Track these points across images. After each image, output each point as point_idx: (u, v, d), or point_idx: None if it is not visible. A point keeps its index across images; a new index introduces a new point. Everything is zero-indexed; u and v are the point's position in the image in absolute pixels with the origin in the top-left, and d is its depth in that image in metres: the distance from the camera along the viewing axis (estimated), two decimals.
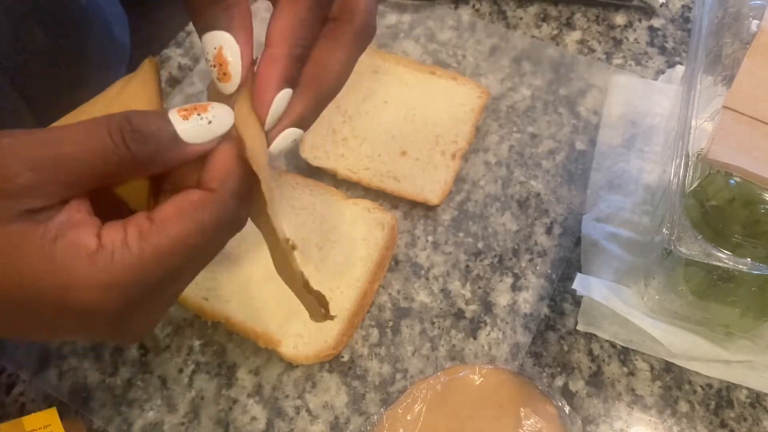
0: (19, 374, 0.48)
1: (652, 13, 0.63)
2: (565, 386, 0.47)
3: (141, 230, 0.27)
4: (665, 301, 0.45)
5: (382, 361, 0.48)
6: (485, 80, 0.59)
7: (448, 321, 0.49)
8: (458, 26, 0.62)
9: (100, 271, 0.26)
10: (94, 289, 0.27)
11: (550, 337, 0.48)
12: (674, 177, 0.40)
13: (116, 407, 0.47)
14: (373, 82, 0.58)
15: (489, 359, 0.48)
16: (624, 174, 0.53)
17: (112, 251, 0.27)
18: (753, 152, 0.38)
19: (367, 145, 0.55)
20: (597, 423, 0.45)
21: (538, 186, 0.54)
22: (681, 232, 0.38)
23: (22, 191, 0.26)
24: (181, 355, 0.48)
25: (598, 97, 0.58)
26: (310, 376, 0.47)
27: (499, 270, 0.51)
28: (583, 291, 0.47)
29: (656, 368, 0.47)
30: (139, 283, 0.27)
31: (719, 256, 0.37)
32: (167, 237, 0.28)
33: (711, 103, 0.41)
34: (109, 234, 0.27)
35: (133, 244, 0.27)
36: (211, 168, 0.29)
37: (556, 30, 0.62)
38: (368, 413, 0.46)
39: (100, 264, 0.26)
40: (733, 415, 0.46)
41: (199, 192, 0.29)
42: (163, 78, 0.60)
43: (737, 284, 0.41)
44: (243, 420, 0.46)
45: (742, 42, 0.42)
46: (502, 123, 0.57)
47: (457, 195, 0.54)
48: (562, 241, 0.52)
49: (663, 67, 0.59)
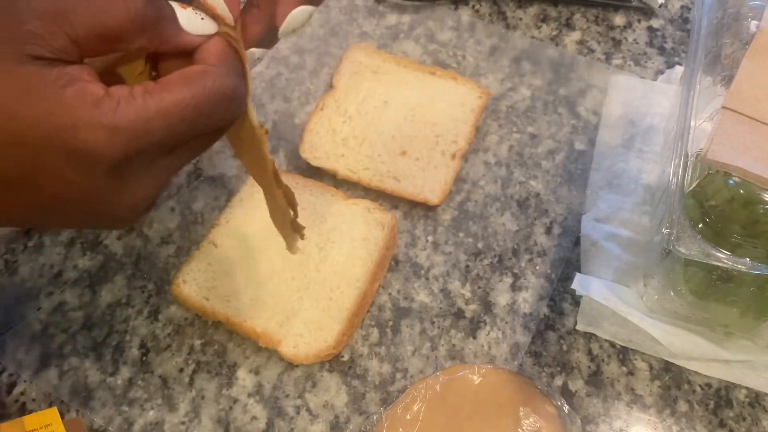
0: (20, 374, 0.48)
1: (652, 13, 0.63)
2: (564, 386, 0.47)
3: (146, 88, 0.29)
4: (665, 301, 0.45)
5: (382, 360, 0.48)
6: (485, 80, 0.59)
7: (448, 321, 0.49)
8: (458, 27, 0.62)
9: (106, 114, 0.27)
10: (98, 128, 0.27)
11: (549, 336, 0.48)
12: (673, 177, 0.40)
13: (117, 407, 0.47)
14: (373, 82, 0.58)
15: (489, 359, 0.48)
16: (623, 174, 0.54)
17: (118, 100, 0.28)
18: (752, 152, 0.38)
19: (367, 145, 0.55)
20: (596, 422, 0.45)
21: (538, 186, 0.54)
22: (680, 232, 0.38)
23: (29, 37, 0.27)
24: (181, 354, 0.48)
25: (598, 97, 0.58)
26: (310, 376, 0.47)
27: (499, 270, 0.51)
28: (582, 291, 0.47)
29: (655, 368, 0.47)
30: (141, 133, 0.28)
31: (718, 256, 0.37)
32: (171, 95, 0.29)
33: (710, 104, 0.41)
34: (116, 88, 0.28)
35: (139, 96, 0.28)
36: (208, 50, 0.31)
37: (555, 30, 0.62)
38: (368, 413, 0.46)
39: (105, 108, 0.28)
40: (732, 415, 0.46)
41: (201, 65, 0.31)
42: None
43: (737, 284, 0.41)
44: (243, 419, 0.46)
45: (742, 42, 0.42)
46: (502, 123, 0.57)
47: (457, 195, 0.54)
48: (562, 241, 0.52)
49: (662, 68, 0.60)
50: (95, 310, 0.50)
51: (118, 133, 0.28)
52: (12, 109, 0.27)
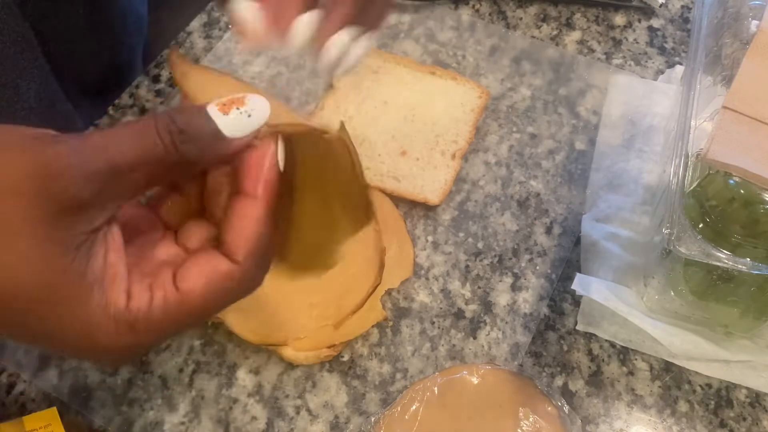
0: (20, 374, 0.48)
1: (652, 13, 0.63)
2: (564, 386, 0.47)
3: (166, 299, 0.28)
4: (665, 301, 0.45)
5: (382, 360, 0.48)
6: (485, 80, 0.59)
7: (448, 321, 0.49)
8: (458, 26, 0.62)
9: (122, 335, 0.27)
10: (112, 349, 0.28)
11: (549, 336, 0.48)
12: (674, 177, 0.40)
13: (117, 407, 0.47)
14: (373, 82, 0.58)
15: (489, 359, 0.48)
16: (624, 174, 0.53)
17: (136, 317, 0.27)
18: (752, 152, 0.38)
19: (367, 145, 0.55)
20: (596, 423, 0.45)
21: (538, 186, 0.54)
22: (680, 231, 0.38)
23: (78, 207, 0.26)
24: (181, 354, 0.48)
25: (598, 97, 0.58)
26: (310, 376, 0.47)
27: (499, 270, 0.51)
28: (582, 291, 0.47)
29: (656, 368, 0.47)
30: (151, 343, 0.29)
31: (719, 256, 0.37)
32: (189, 308, 0.28)
33: (710, 103, 0.41)
34: (137, 296, 0.28)
35: (157, 312, 0.28)
36: (237, 234, 0.29)
37: (555, 30, 0.62)
38: (368, 413, 0.46)
39: (123, 327, 0.27)
40: (732, 415, 0.46)
41: (226, 263, 0.29)
42: (163, 78, 0.60)
43: (737, 284, 0.41)
44: (243, 420, 0.46)
45: (742, 42, 0.42)
46: (502, 123, 0.57)
47: (457, 195, 0.54)
48: (562, 241, 0.52)
49: (662, 67, 0.60)
50: None
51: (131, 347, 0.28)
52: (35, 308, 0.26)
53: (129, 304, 0.27)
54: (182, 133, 0.27)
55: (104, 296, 0.27)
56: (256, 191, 0.29)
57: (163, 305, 0.28)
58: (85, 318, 0.27)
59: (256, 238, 0.29)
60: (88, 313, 0.27)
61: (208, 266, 0.29)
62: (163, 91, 0.60)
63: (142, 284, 0.28)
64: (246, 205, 0.29)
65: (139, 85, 0.60)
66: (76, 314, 0.27)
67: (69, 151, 0.25)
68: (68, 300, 0.26)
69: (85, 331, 0.27)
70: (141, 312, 0.27)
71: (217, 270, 0.29)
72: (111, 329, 0.27)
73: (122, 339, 0.28)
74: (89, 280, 0.27)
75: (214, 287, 0.29)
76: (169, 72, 0.60)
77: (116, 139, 0.27)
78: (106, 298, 0.27)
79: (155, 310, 0.28)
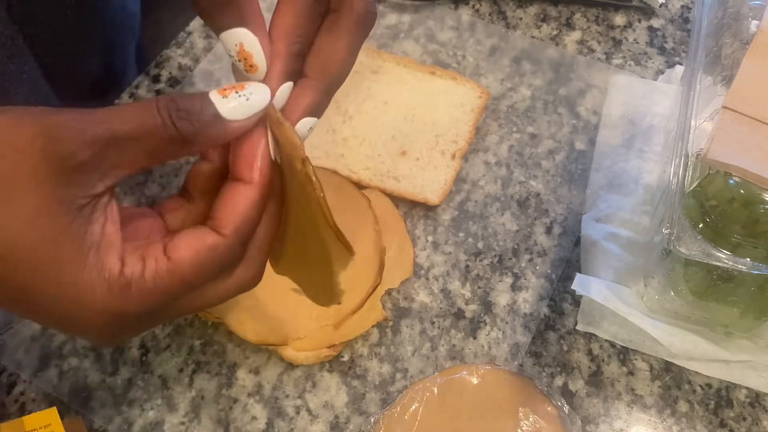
0: (20, 374, 0.48)
1: (652, 13, 0.63)
2: (564, 386, 0.47)
3: (158, 267, 0.29)
4: (665, 301, 0.45)
5: (382, 360, 0.48)
6: (485, 80, 0.59)
7: (448, 321, 0.49)
8: (458, 26, 0.62)
9: (115, 298, 0.28)
10: (105, 314, 0.29)
11: (549, 336, 0.48)
12: (674, 177, 0.40)
13: (117, 407, 0.47)
14: (373, 82, 0.58)
15: (489, 359, 0.48)
16: (624, 174, 0.53)
17: (130, 282, 0.29)
18: (752, 152, 0.38)
19: (367, 145, 0.55)
20: (596, 423, 0.45)
21: (538, 186, 0.54)
22: (681, 231, 0.38)
23: (80, 170, 0.27)
24: (181, 354, 0.48)
25: (598, 97, 0.58)
26: (310, 376, 0.47)
27: (499, 270, 0.51)
28: (582, 291, 0.47)
29: (656, 368, 0.47)
30: (142, 313, 0.30)
31: (719, 256, 0.37)
32: (179, 277, 0.30)
33: (710, 103, 0.41)
34: (130, 264, 0.29)
35: (149, 279, 0.29)
36: (229, 211, 0.31)
37: (555, 30, 0.62)
38: (368, 413, 0.46)
39: (116, 292, 0.28)
40: (732, 415, 0.46)
41: (213, 236, 0.30)
42: (163, 78, 0.60)
43: (737, 284, 0.41)
44: (243, 419, 0.46)
45: (742, 42, 0.42)
46: (502, 123, 0.57)
47: (457, 195, 0.54)
48: (562, 241, 0.52)
49: (662, 68, 0.60)
50: None
51: (122, 315, 0.29)
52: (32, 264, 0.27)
53: (123, 270, 0.29)
54: (180, 111, 0.29)
55: (99, 260, 0.28)
56: (251, 176, 0.31)
57: (155, 273, 0.29)
58: (79, 279, 0.28)
59: (244, 216, 0.31)
60: (83, 275, 0.28)
61: (195, 239, 0.30)
62: (163, 91, 0.60)
63: (135, 255, 0.29)
64: (239, 188, 0.31)
65: (139, 85, 0.60)
66: (71, 274, 0.28)
67: (72, 117, 0.27)
68: (65, 260, 0.27)
69: (78, 294, 0.28)
70: (134, 277, 0.29)
71: (204, 242, 0.30)
72: (104, 293, 0.28)
73: (114, 304, 0.28)
74: (87, 242, 0.28)
75: (202, 258, 0.30)
76: (169, 72, 0.60)
77: (117, 111, 0.28)
78: (102, 262, 0.28)
79: (147, 277, 0.29)
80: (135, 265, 0.29)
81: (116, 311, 0.29)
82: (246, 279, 0.33)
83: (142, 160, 0.29)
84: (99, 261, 0.28)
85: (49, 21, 0.53)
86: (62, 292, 0.28)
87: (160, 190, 0.55)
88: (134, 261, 0.29)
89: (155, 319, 0.32)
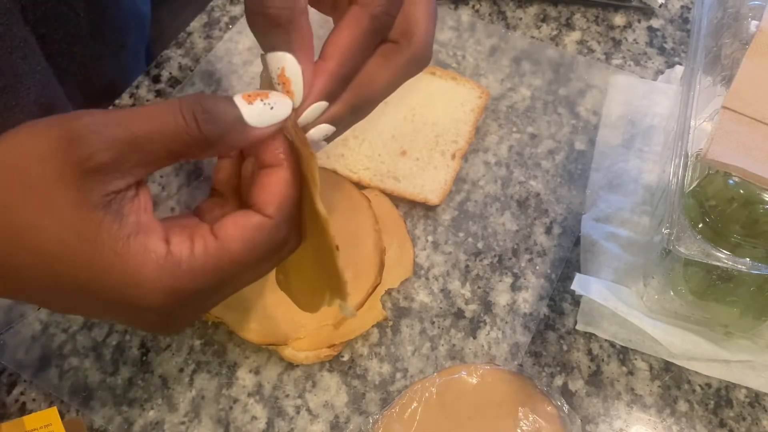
0: (20, 374, 0.48)
1: (652, 13, 0.63)
2: (564, 386, 0.47)
3: (206, 244, 0.30)
4: (664, 301, 0.45)
5: (382, 360, 0.48)
6: (485, 80, 0.59)
7: (448, 321, 0.49)
8: (458, 26, 0.62)
9: (168, 276, 0.29)
10: (158, 292, 0.29)
11: (549, 336, 0.49)
12: (673, 177, 0.40)
13: (117, 406, 0.47)
14: None
15: (489, 359, 0.48)
16: (623, 174, 0.54)
17: (180, 260, 0.29)
18: (752, 152, 0.38)
19: (367, 145, 0.55)
20: (596, 422, 0.46)
21: (538, 186, 0.54)
22: (680, 231, 0.38)
23: (101, 170, 0.28)
24: (181, 354, 0.48)
25: (598, 97, 0.58)
26: (310, 376, 0.47)
27: (499, 270, 0.51)
28: (582, 291, 0.47)
29: (655, 368, 0.47)
30: (197, 291, 0.30)
31: (718, 255, 0.37)
32: (228, 254, 0.30)
33: (710, 104, 0.41)
34: (177, 243, 0.29)
35: (199, 256, 0.29)
36: (268, 192, 0.31)
37: (555, 30, 0.62)
38: (368, 412, 0.46)
39: (168, 270, 0.29)
40: (732, 415, 0.46)
41: (258, 216, 0.31)
42: (163, 78, 0.60)
43: (736, 284, 0.41)
44: (243, 419, 0.46)
45: (741, 42, 0.42)
46: (502, 123, 0.57)
47: (457, 195, 0.54)
48: (562, 241, 0.52)
49: (662, 68, 0.60)
50: None
51: (176, 293, 0.29)
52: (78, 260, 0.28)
53: (170, 249, 0.29)
54: (205, 113, 0.29)
55: (142, 245, 0.28)
56: (278, 159, 0.32)
57: (204, 250, 0.29)
58: (126, 264, 0.28)
59: (283, 195, 0.31)
60: (129, 260, 0.28)
61: (241, 219, 0.31)
62: (164, 91, 0.60)
63: (182, 236, 0.30)
64: (271, 172, 0.31)
65: (139, 86, 0.60)
66: (118, 262, 0.28)
67: (91, 120, 0.28)
68: (108, 251, 0.28)
69: (129, 278, 0.28)
70: (183, 255, 0.29)
71: (250, 221, 0.30)
72: (154, 271, 0.28)
73: (165, 282, 0.29)
74: (124, 232, 0.28)
75: (248, 234, 0.30)
76: (170, 72, 0.60)
77: (138, 112, 0.29)
78: (145, 246, 0.28)
79: (197, 254, 0.29)
80: (182, 244, 0.29)
81: (169, 289, 0.29)
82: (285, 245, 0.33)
83: (163, 160, 0.29)
84: (142, 246, 0.28)
85: (61, 22, 0.54)
86: (113, 280, 0.28)
87: (160, 190, 0.55)
88: (181, 240, 0.29)
89: (210, 299, 0.32)
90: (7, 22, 0.48)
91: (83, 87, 0.60)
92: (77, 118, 0.28)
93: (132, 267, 0.28)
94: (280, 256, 0.33)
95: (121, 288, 0.28)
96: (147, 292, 0.29)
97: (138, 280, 0.28)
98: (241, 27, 0.62)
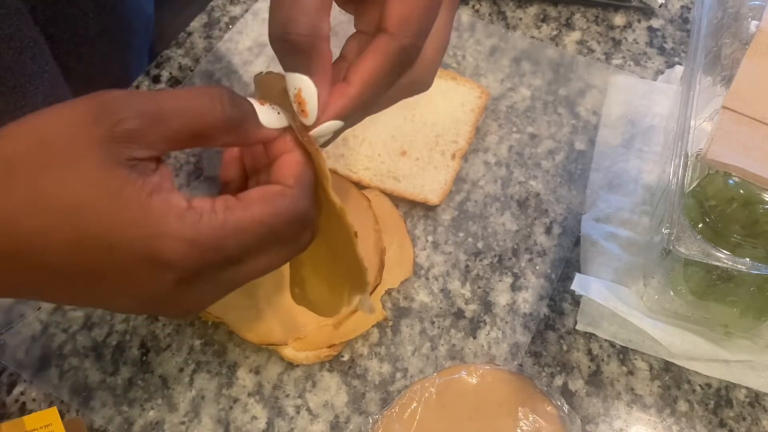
0: (20, 374, 0.48)
1: (652, 13, 0.63)
2: (564, 386, 0.47)
3: (227, 203, 0.30)
4: (664, 301, 0.45)
5: (382, 360, 0.48)
6: (485, 80, 0.59)
7: (448, 320, 0.49)
8: (458, 27, 0.62)
9: (188, 227, 0.29)
10: (179, 241, 0.29)
11: (549, 336, 0.49)
12: (673, 177, 0.40)
13: (117, 406, 0.47)
14: None
15: (489, 359, 0.48)
16: (623, 174, 0.54)
17: (201, 214, 0.29)
18: (752, 152, 0.38)
19: (366, 145, 0.55)
20: (596, 422, 0.46)
21: (538, 186, 0.54)
22: (680, 231, 0.38)
23: (127, 136, 0.29)
24: (181, 354, 0.48)
25: (598, 97, 0.58)
26: (310, 376, 0.47)
27: (499, 270, 0.51)
28: (582, 291, 0.47)
29: (655, 368, 0.47)
30: (217, 248, 0.30)
31: (718, 255, 0.37)
32: (250, 213, 0.30)
33: (710, 104, 0.41)
34: (199, 201, 0.30)
35: (220, 212, 0.30)
36: (285, 168, 0.33)
37: (555, 30, 0.62)
38: (368, 412, 0.46)
39: (188, 221, 0.29)
40: (732, 415, 0.46)
41: (279, 186, 0.32)
42: (163, 78, 0.60)
43: (736, 284, 0.41)
44: (243, 419, 0.46)
45: (741, 42, 0.42)
46: (502, 123, 0.57)
47: (456, 195, 0.54)
48: (562, 241, 0.52)
49: (662, 68, 0.60)
50: (95, 310, 0.50)
51: (197, 245, 0.29)
52: (101, 212, 0.28)
53: (191, 204, 0.29)
54: (232, 98, 0.31)
55: (164, 199, 0.29)
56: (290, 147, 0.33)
57: (225, 208, 0.30)
58: (148, 215, 0.29)
59: (301, 171, 0.32)
60: (152, 211, 0.29)
61: (263, 186, 0.32)
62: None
63: (203, 198, 0.30)
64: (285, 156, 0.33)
65: (139, 85, 0.60)
66: (141, 213, 0.28)
67: (122, 93, 0.30)
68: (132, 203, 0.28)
69: (150, 230, 0.29)
70: (204, 210, 0.29)
71: (272, 188, 0.32)
72: (174, 221, 0.29)
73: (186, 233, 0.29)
74: (147, 188, 0.29)
75: (272, 198, 0.31)
76: (170, 72, 0.60)
77: (166, 91, 0.31)
78: (166, 200, 0.29)
79: (218, 210, 0.30)
80: (204, 201, 0.30)
81: (189, 238, 0.29)
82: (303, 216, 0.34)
83: (185, 139, 0.30)
84: (164, 199, 0.29)
85: (70, 23, 0.54)
86: (135, 231, 0.29)
87: None
88: (203, 201, 0.30)
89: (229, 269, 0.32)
90: (17, 22, 0.48)
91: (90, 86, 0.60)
92: (109, 92, 0.30)
93: (154, 217, 0.29)
94: (299, 241, 0.33)
95: (143, 239, 0.29)
96: (168, 241, 0.29)
97: (160, 229, 0.29)
98: (241, 27, 0.62)
